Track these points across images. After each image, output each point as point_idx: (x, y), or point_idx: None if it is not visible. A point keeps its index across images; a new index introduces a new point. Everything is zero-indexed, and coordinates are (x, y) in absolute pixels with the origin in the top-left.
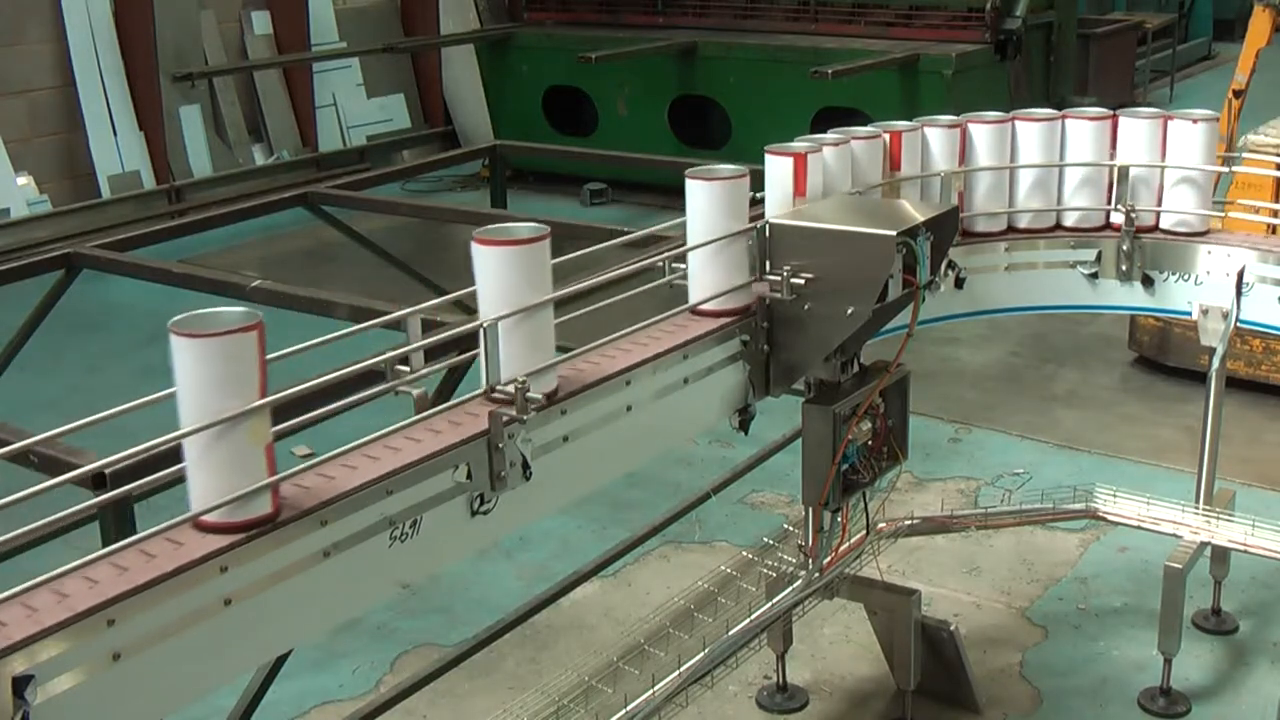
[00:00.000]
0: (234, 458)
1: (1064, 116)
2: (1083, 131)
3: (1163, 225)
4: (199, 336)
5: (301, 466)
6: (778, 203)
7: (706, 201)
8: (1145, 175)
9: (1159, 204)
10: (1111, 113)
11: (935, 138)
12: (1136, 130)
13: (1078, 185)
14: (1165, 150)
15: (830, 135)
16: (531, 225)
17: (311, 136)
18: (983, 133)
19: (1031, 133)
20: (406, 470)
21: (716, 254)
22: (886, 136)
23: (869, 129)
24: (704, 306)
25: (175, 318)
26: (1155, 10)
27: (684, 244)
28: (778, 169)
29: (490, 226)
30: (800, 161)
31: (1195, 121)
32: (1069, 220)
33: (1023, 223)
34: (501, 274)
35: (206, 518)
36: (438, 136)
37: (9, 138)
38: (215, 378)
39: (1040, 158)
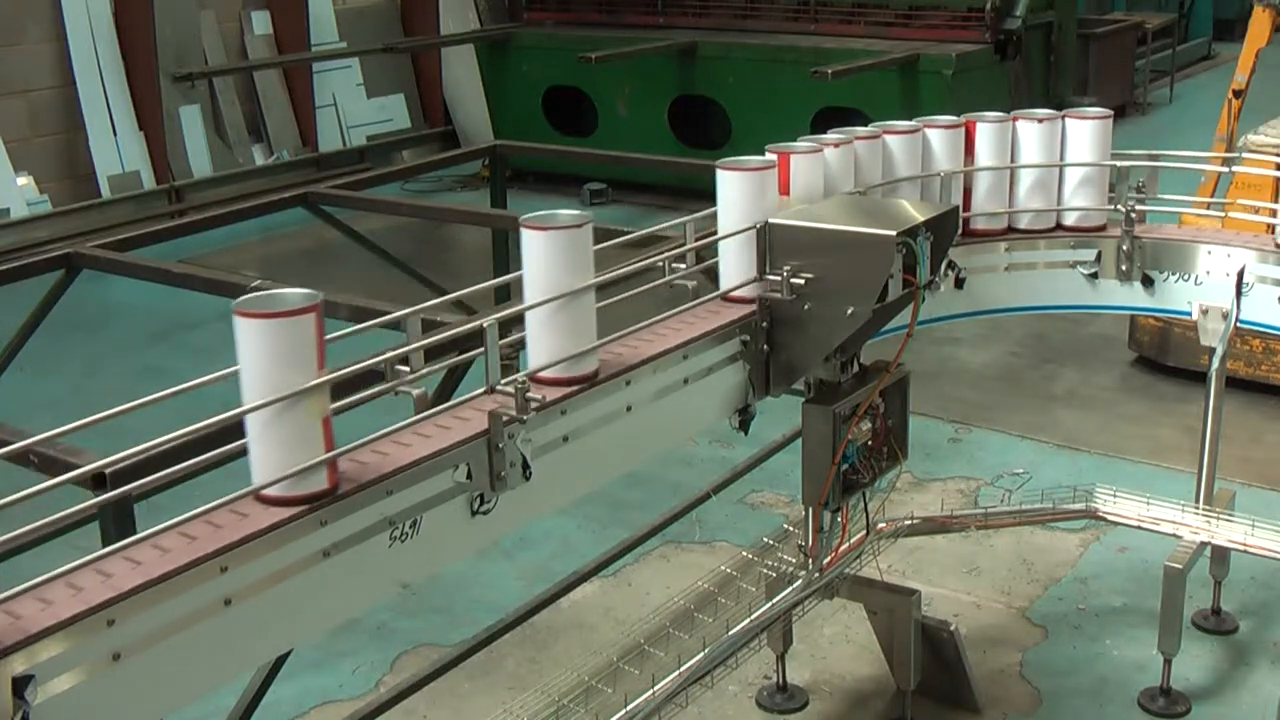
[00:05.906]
0: (296, 432)
1: (1064, 116)
2: (1083, 131)
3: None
4: (265, 317)
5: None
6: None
7: (739, 190)
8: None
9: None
10: (1111, 112)
11: (935, 138)
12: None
13: (1078, 185)
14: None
15: (830, 135)
16: (574, 214)
17: (311, 136)
18: (983, 133)
19: (1031, 133)
20: (406, 470)
21: (750, 241)
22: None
23: (869, 129)
24: (736, 293)
25: (241, 299)
26: (1155, 10)
27: (685, 243)
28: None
29: (537, 214)
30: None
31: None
32: (1069, 220)
33: (1023, 223)
34: (548, 258)
35: (268, 491)
36: (438, 136)
37: (9, 138)
38: (280, 355)
39: (1040, 158)
